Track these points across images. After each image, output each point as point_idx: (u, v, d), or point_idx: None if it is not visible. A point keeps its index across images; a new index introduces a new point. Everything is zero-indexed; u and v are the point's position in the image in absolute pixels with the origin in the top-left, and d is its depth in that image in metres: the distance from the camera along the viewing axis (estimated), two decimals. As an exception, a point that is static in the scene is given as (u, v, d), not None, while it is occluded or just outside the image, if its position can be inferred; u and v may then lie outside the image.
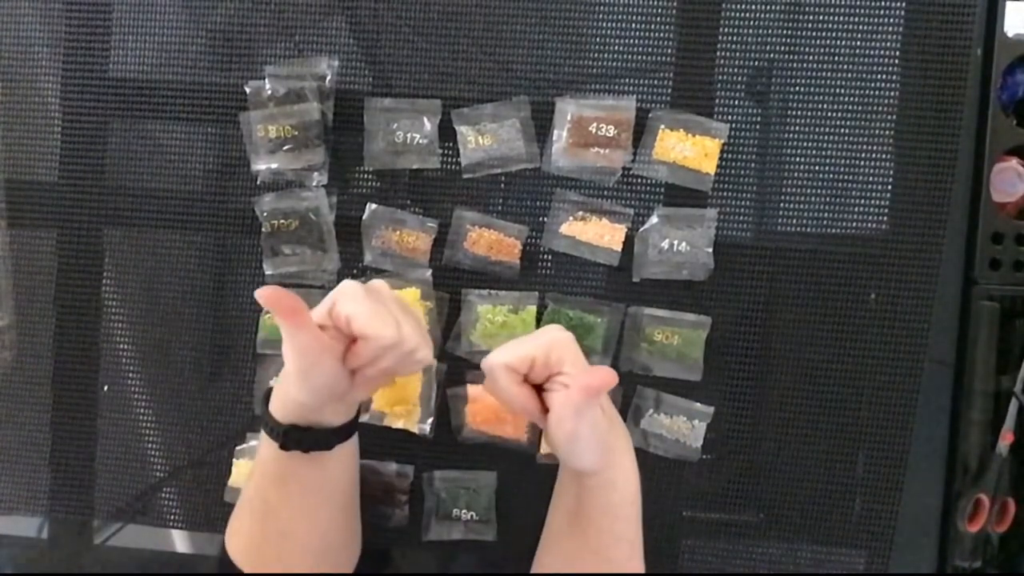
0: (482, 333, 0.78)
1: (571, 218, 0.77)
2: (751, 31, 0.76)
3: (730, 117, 0.76)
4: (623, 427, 0.66)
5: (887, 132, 0.76)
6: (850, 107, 0.75)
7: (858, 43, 0.75)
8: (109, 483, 0.84)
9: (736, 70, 0.76)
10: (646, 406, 0.78)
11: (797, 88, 0.76)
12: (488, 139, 0.77)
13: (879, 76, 0.75)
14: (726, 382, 0.78)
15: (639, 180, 0.77)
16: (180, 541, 0.85)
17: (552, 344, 0.61)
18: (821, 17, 0.75)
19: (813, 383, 0.77)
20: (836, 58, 0.75)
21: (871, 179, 0.76)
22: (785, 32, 0.76)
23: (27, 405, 0.84)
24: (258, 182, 0.79)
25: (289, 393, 0.61)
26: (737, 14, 0.76)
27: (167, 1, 0.80)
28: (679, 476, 0.79)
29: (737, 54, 0.76)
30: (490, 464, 0.80)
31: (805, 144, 0.76)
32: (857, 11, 0.75)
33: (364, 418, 0.80)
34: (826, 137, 0.76)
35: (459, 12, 0.78)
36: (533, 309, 0.77)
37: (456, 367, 0.79)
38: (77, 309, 0.83)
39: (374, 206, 0.79)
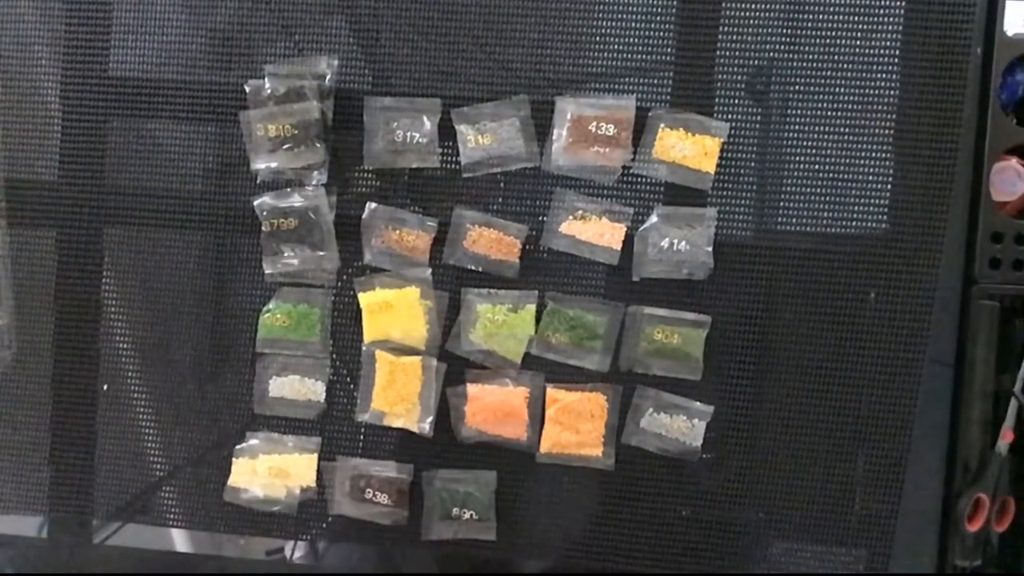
0: (482, 332, 0.78)
1: (571, 217, 0.77)
2: (751, 31, 0.76)
3: (730, 116, 0.76)
4: None
5: (887, 132, 0.76)
6: (850, 107, 0.75)
7: (858, 43, 0.75)
8: (109, 482, 0.84)
9: (736, 69, 0.76)
10: (646, 405, 0.78)
11: (797, 88, 0.76)
12: (488, 138, 0.77)
13: (879, 76, 0.75)
14: (726, 381, 0.78)
15: (639, 179, 0.77)
16: (180, 540, 0.85)
17: None
18: (821, 17, 0.75)
19: (813, 383, 0.77)
20: (836, 58, 0.75)
21: (871, 179, 0.76)
22: (785, 32, 0.75)
23: (27, 405, 0.84)
24: (258, 181, 0.79)
25: None
26: (737, 14, 0.76)
27: (167, 1, 0.80)
28: (679, 476, 0.79)
29: (737, 54, 0.76)
30: (490, 464, 0.80)
31: (805, 144, 0.76)
32: (857, 11, 0.75)
33: (364, 417, 0.80)
34: (826, 137, 0.76)
35: (459, 11, 0.78)
36: (532, 308, 0.77)
37: (456, 366, 0.79)
38: (77, 309, 0.83)
39: (374, 205, 0.79)
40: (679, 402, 0.78)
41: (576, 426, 0.78)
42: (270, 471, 0.81)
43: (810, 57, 0.75)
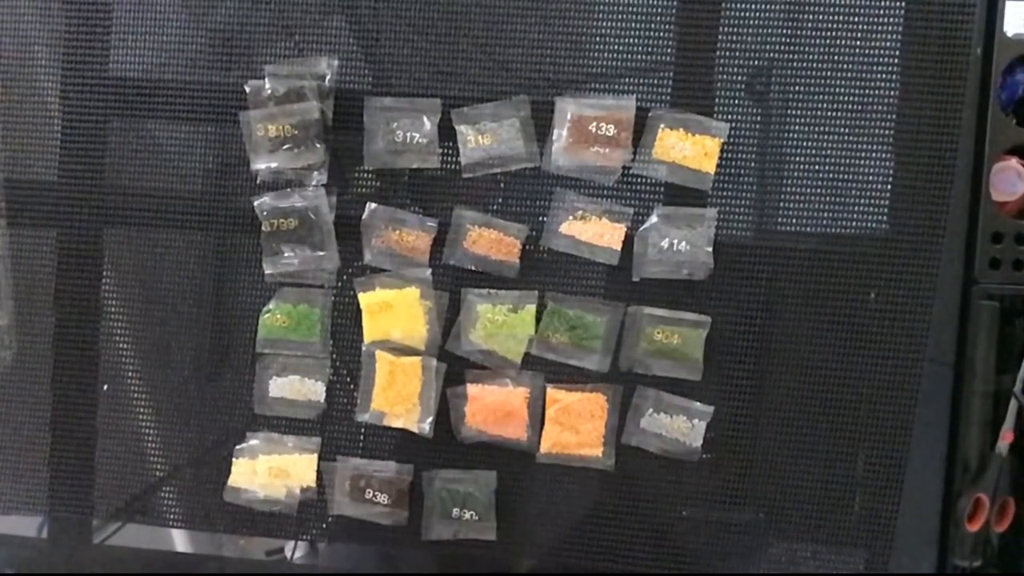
0: (482, 332, 0.78)
1: (571, 217, 0.77)
2: (751, 31, 0.76)
3: (730, 116, 0.76)
4: None
5: (887, 132, 0.76)
6: (850, 107, 0.75)
7: (858, 43, 0.75)
8: (109, 482, 0.84)
9: (736, 70, 0.76)
10: (646, 405, 0.78)
11: (797, 88, 0.76)
12: (488, 138, 0.77)
13: (879, 76, 0.75)
14: (726, 382, 0.78)
15: (639, 179, 0.77)
16: (180, 540, 0.85)
17: None
18: (821, 17, 0.75)
19: (813, 383, 0.77)
20: (836, 58, 0.75)
21: (871, 179, 0.76)
22: (785, 32, 0.75)
23: (27, 405, 0.84)
24: (258, 181, 0.79)
25: None
26: (737, 14, 0.76)
27: (167, 1, 0.80)
28: (679, 476, 0.79)
29: (737, 54, 0.76)
30: (490, 464, 0.80)
31: (805, 144, 0.76)
32: (857, 11, 0.75)
33: (364, 418, 0.80)
34: (826, 137, 0.76)
35: (459, 12, 0.78)
36: (533, 308, 0.77)
37: (456, 367, 0.79)
38: (77, 309, 0.83)
39: (374, 205, 0.79)
40: (679, 402, 0.78)
41: (576, 426, 0.78)
42: (270, 471, 0.81)
43: (810, 57, 0.75)
